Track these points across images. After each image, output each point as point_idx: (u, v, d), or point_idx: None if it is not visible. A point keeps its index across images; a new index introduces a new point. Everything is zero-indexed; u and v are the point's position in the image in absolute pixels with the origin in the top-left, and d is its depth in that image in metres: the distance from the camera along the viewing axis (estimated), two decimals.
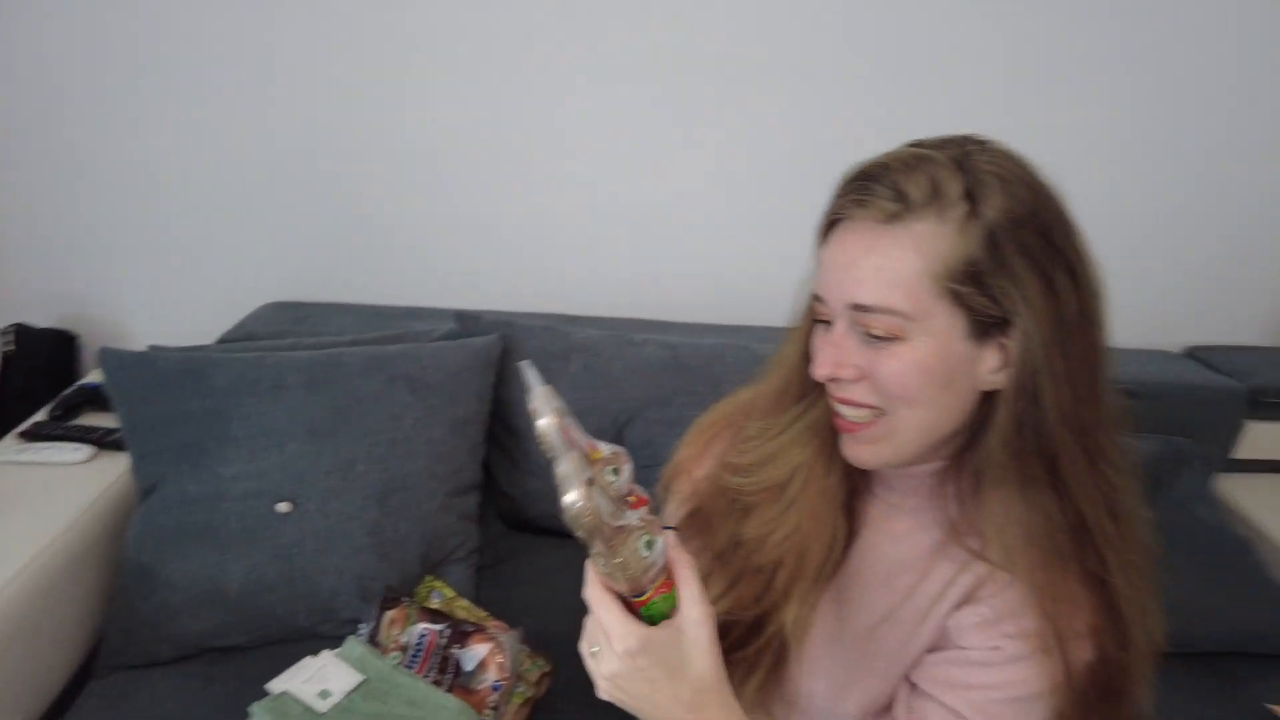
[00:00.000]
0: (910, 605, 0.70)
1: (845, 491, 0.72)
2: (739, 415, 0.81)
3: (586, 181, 1.55)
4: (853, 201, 0.61)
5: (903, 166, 0.59)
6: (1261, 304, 1.78)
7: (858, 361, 0.62)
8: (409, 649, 1.06)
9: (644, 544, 0.58)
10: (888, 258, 0.59)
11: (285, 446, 1.15)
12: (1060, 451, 0.61)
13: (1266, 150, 1.62)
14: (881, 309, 0.60)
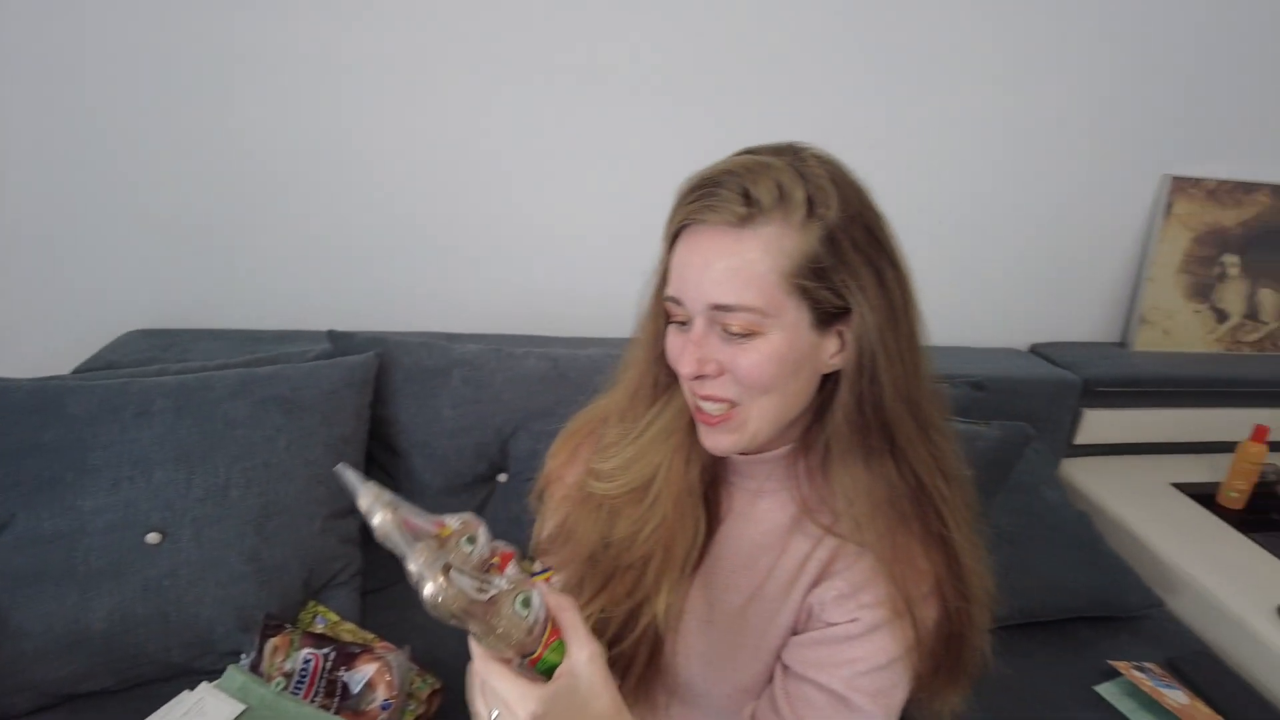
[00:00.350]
0: (772, 583, 0.75)
1: (705, 483, 0.77)
2: (599, 422, 0.84)
3: (459, 199, 1.54)
4: (703, 207, 0.64)
5: (748, 173, 0.63)
6: (1094, 305, 1.97)
7: (719, 357, 0.66)
8: (293, 675, 1.04)
9: (520, 604, 0.57)
10: (742, 259, 0.63)
11: (152, 475, 1.10)
12: (896, 424, 0.67)
13: (1092, 175, 1.81)
14: (740, 307, 0.64)
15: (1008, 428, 1.29)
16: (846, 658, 0.71)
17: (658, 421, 0.77)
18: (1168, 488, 1.85)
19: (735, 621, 0.76)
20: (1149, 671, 1.34)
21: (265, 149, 1.44)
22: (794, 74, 1.58)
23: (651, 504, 0.76)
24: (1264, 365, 1.97)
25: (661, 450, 0.76)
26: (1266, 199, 1.93)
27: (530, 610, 0.58)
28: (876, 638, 0.71)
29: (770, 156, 0.65)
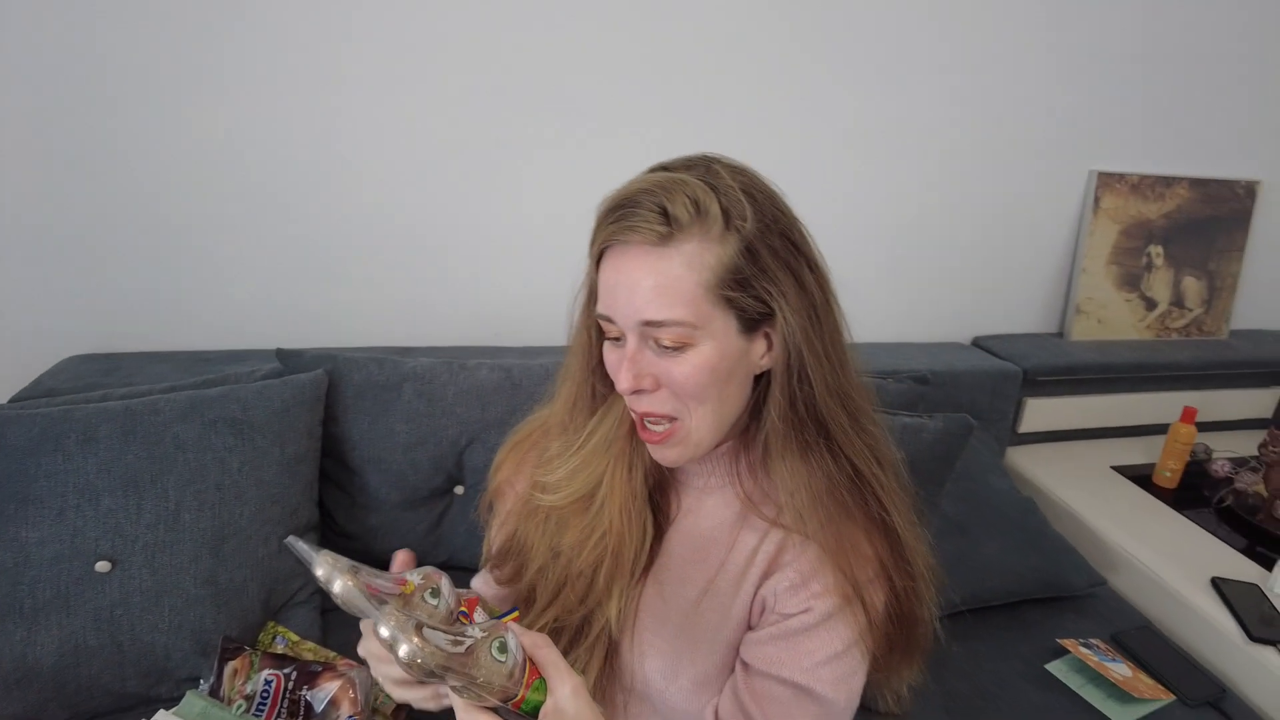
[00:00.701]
0: (723, 577, 0.77)
1: (650, 487, 0.79)
2: (541, 433, 0.86)
3: (405, 214, 1.54)
4: (624, 227, 0.65)
5: (663, 191, 0.64)
6: (1032, 298, 2.04)
7: (654, 371, 0.69)
8: (254, 697, 1.02)
9: (496, 650, 0.58)
10: (667, 276, 0.65)
11: (99, 502, 1.08)
12: (829, 417, 0.70)
13: (1024, 173, 1.88)
14: (670, 322, 0.65)
15: (950, 419, 1.34)
16: (804, 649, 0.73)
17: (599, 431, 0.79)
18: (1107, 470, 1.92)
19: (690, 618, 0.78)
20: (1094, 647, 1.40)
21: (205, 167, 1.42)
22: (734, 83, 1.61)
23: (598, 512, 0.78)
24: (1190, 350, 2.06)
25: (604, 459, 0.78)
26: (1185, 191, 2.02)
27: (508, 654, 0.58)
28: (830, 626, 0.73)
29: (683, 172, 0.67)
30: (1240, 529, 1.72)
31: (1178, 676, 1.36)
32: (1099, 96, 1.86)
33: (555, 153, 1.57)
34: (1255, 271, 2.18)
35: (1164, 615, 1.54)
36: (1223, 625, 1.43)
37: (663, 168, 0.69)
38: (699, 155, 0.70)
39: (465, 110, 1.49)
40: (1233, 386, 2.14)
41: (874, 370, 1.55)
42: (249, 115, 1.41)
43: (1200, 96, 1.95)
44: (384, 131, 1.47)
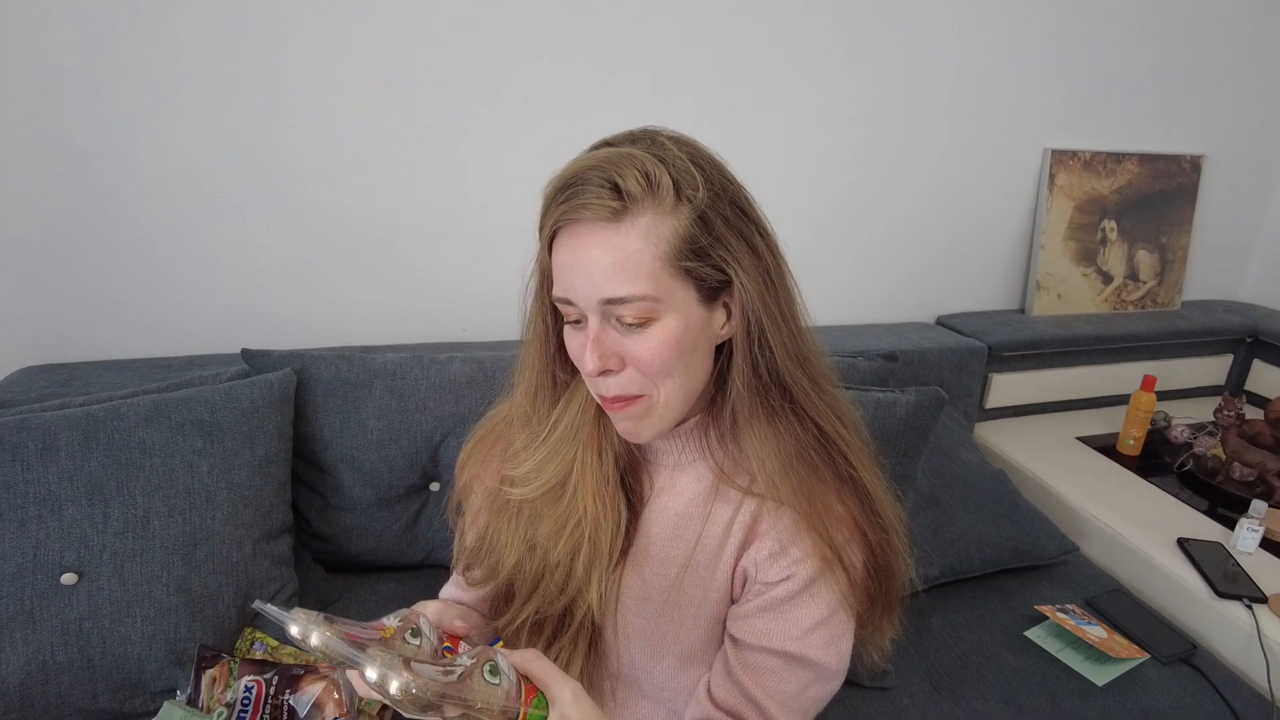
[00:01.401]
0: (701, 551, 0.77)
1: (621, 470, 0.79)
2: (505, 427, 0.85)
3: (364, 213, 1.51)
4: (576, 205, 0.64)
5: (612, 166, 0.64)
6: (993, 275, 2.08)
7: (618, 350, 0.68)
8: (235, 705, 1.00)
9: (488, 673, 0.58)
10: (624, 251, 0.64)
11: (63, 512, 1.04)
12: (791, 381, 0.71)
13: (981, 153, 1.91)
14: (633, 297, 0.65)
15: (921, 393, 1.35)
16: (792, 618, 0.74)
17: (564, 419, 0.78)
18: (1073, 441, 1.96)
19: (672, 595, 0.78)
20: (1070, 612, 1.42)
21: (157, 172, 1.38)
22: (691, 70, 1.61)
23: (571, 500, 0.77)
24: (1147, 321, 2.11)
25: (572, 446, 0.77)
26: (1135, 167, 2.08)
27: (500, 675, 0.59)
28: (814, 591, 0.74)
29: (628, 146, 0.66)
30: (1201, 491, 1.77)
31: (1150, 635, 1.40)
32: (1050, 76, 1.90)
33: (509, 144, 1.55)
34: (1202, 243, 2.25)
35: (1134, 577, 1.58)
36: (1190, 584, 1.47)
37: (606, 143, 0.68)
38: (640, 129, 0.70)
39: (416, 106, 1.47)
40: (1186, 355, 2.21)
41: (843, 351, 1.57)
42: (201, 119, 1.37)
43: (1146, 75, 2.00)
44: (335, 131, 1.44)
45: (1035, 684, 1.29)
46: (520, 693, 0.59)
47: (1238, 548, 1.54)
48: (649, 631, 0.79)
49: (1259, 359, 2.25)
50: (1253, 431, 1.79)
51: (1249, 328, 2.21)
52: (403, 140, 1.49)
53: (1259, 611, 1.38)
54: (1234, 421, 1.83)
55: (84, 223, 1.38)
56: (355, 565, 1.38)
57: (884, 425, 1.31)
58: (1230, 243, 2.34)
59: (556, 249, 0.67)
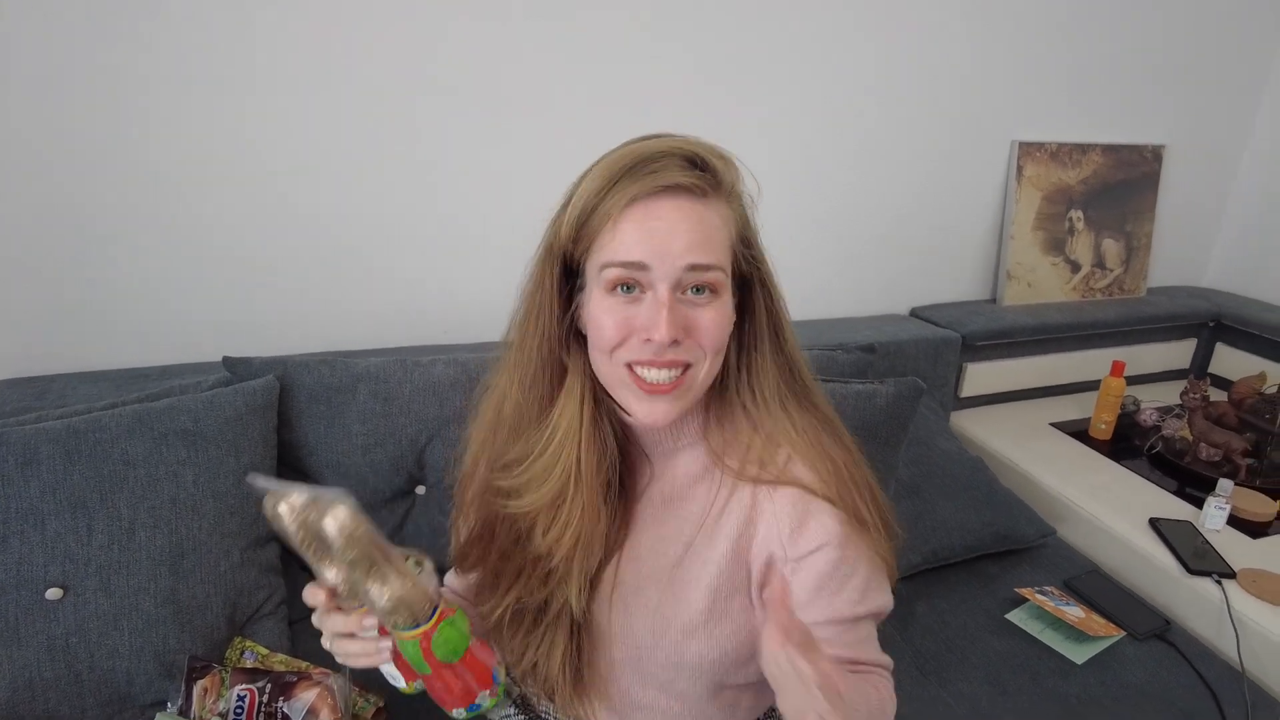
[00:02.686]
0: (701, 530, 0.79)
1: (617, 473, 0.80)
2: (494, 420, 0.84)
3: (344, 216, 1.50)
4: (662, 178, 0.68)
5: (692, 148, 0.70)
6: (965, 267, 2.12)
7: (683, 322, 0.70)
8: (228, 715, 0.99)
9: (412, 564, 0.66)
10: (710, 225, 0.70)
11: (45, 526, 1.03)
12: (799, 369, 0.79)
13: (951, 147, 1.94)
14: (714, 265, 0.70)
15: (900, 383, 1.38)
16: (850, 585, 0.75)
17: (561, 423, 0.77)
18: (1046, 427, 2.01)
19: (673, 574, 0.79)
20: (1049, 594, 1.46)
21: (126, 180, 1.36)
22: (662, 67, 1.62)
23: (569, 509, 0.77)
24: (1114, 308, 2.16)
25: (570, 455, 0.76)
26: (1099, 157, 2.12)
27: (423, 570, 0.66)
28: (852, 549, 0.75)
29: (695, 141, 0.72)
30: (1171, 472, 1.82)
31: (1126, 613, 1.43)
32: (1016, 70, 1.94)
33: (487, 147, 1.55)
34: (1166, 230, 2.30)
35: (1109, 558, 1.62)
36: (1162, 562, 1.51)
37: (652, 136, 0.73)
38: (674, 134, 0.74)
39: (391, 110, 1.47)
40: (1153, 341, 2.26)
41: (822, 344, 1.59)
42: (174, 126, 1.35)
43: (1109, 67, 2.05)
44: (311, 136, 1.44)
45: (1017, 665, 1.32)
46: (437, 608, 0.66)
47: (1206, 526, 1.58)
48: (650, 611, 0.79)
49: (1221, 342, 2.31)
50: (1217, 413, 1.84)
51: (1212, 312, 2.27)
52: (380, 145, 1.48)
53: (1228, 586, 1.42)
54: (1199, 404, 1.89)
55: (55, 233, 1.36)
56: None
57: (865, 416, 1.34)
58: (1192, 230, 2.40)
59: (627, 217, 0.68)
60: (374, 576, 0.62)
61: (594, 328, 0.73)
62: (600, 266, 0.70)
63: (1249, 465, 1.75)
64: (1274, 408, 1.76)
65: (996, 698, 1.25)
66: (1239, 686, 1.30)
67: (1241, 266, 2.40)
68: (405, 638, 0.65)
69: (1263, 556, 1.51)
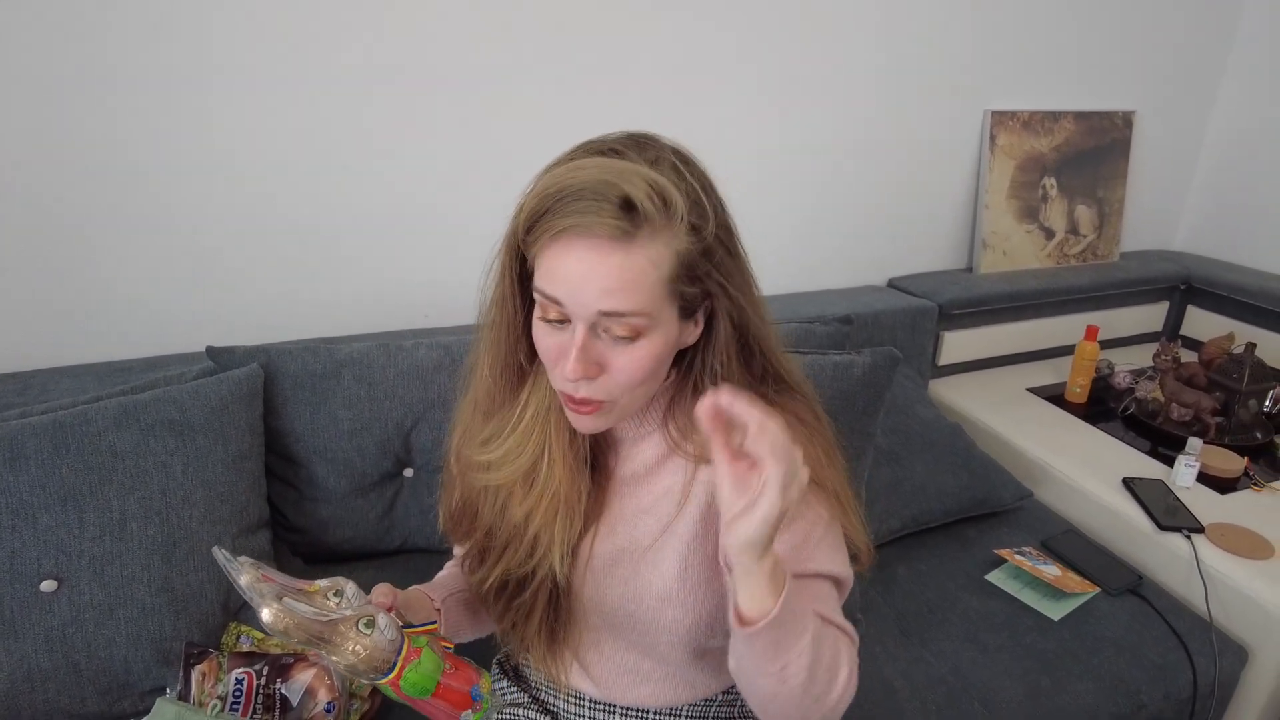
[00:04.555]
0: (670, 505, 0.82)
1: (588, 448, 0.82)
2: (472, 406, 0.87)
3: (321, 204, 1.50)
4: (584, 220, 0.63)
5: (624, 182, 0.63)
6: (940, 236, 2.14)
7: (599, 359, 0.70)
8: (227, 698, 1.01)
9: (362, 625, 0.67)
10: (631, 271, 0.65)
11: (36, 520, 1.04)
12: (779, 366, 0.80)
13: (924, 117, 1.95)
14: (631, 313, 0.66)
15: (877, 353, 1.40)
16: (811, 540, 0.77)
17: (531, 401, 0.80)
18: (1023, 392, 2.05)
19: (643, 546, 0.82)
20: (1027, 554, 1.50)
21: (105, 172, 1.35)
22: (636, 45, 1.62)
23: (542, 483, 0.80)
24: (1088, 274, 2.20)
25: (543, 429, 0.80)
26: (1070, 125, 2.15)
27: (375, 630, 0.67)
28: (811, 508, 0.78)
29: (636, 160, 0.67)
30: (1143, 433, 1.87)
31: (1100, 570, 1.48)
32: (987, 38, 1.95)
33: (459, 132, 1.55)
34: (1137, 196, 2.34)
35: (1085, 517, 1.66)
36: (1135, 520, 1.55)
37: (609, 148, 0.68)
38: (636, 134, 0.71)
39: (362, 97, 1.46)
40: (1126, 305, 2.30)
41: (799, 317, 1.61)
42: (148, 119, 1.34)
43: (1078, 34, 2.06)
44: (285, 125, 1.43)
45: (997, 623, 1.36)
46: (400, 653, 0.68)
47: (1177, 483, 1.63)
48: (624, 582, 0.83)
49: (1192, 305, 2.36)
50: (1188, 374, 1.88)
51: (1182, 275, 2.31)
52: (357, 132, 1.48)
53: (1197, 541, 1.47)
54: (1171, 365, 1.93)
55: (32, 228, 1.35)
56: (333, 555, 1.39)
57: (842, 386, 1.36)
58: (1163, 195, 2.43)
59: (552, 249, 0.66)
60: (326, 650, 0.65)
61: (536, 340, 0.73)
62: (534, 285, 0.70)
63: (1218, 424, 1.80)
64: (1241, 367, 1.81)
65: (977, 655, 1.30)
66: (1207, 636, 1.35)
67: (1210, 229, 2.44)
68: (378, 685, 0.69)
69: (1230, 511, 1.55)
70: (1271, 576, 1.38)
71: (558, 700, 0.96)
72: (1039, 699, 1.23)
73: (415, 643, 0.70)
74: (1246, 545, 1.45)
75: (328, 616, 0.65)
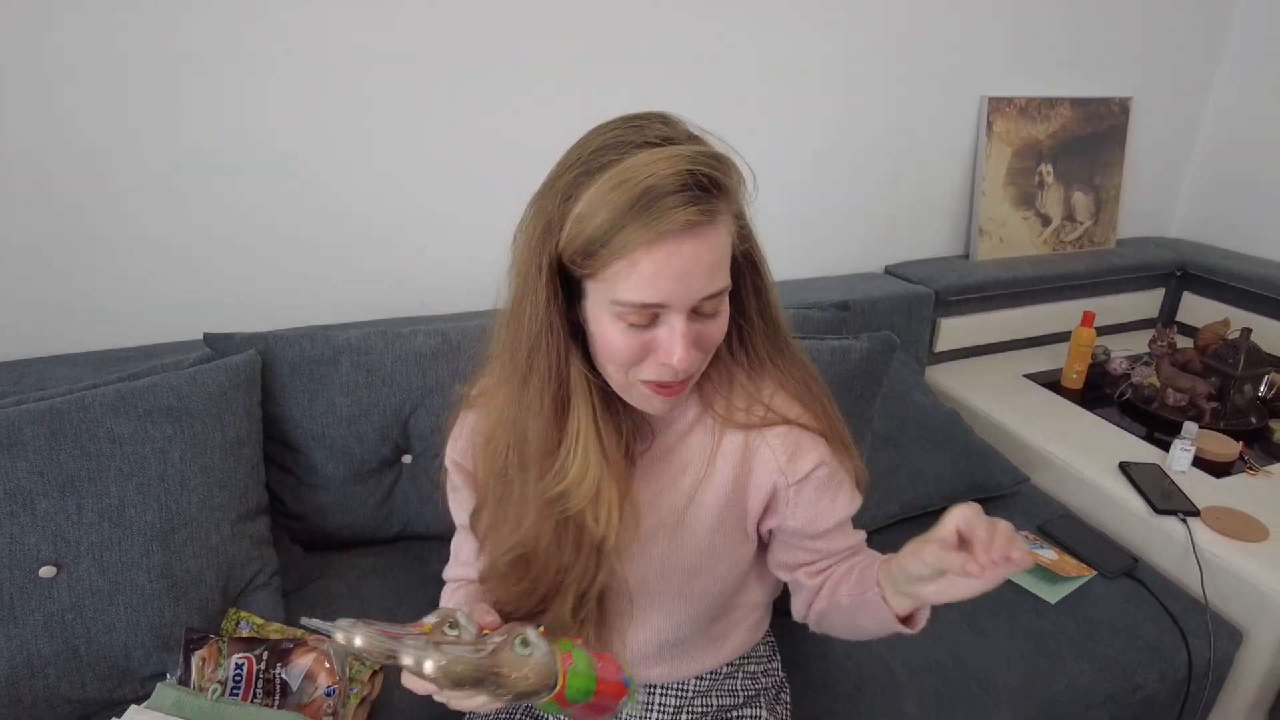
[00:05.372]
0: (697, 477, 0.83)
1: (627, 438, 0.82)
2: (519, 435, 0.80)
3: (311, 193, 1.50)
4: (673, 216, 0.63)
5: (697, 165, 0.64)
6: (937, 223, 2.14)
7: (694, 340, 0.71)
8: (227, 683, 1.01)
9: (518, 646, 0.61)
10: (719, 249, 0.68)
11: (35, 506, 1.04)
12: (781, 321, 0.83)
13: (921, 104, 1.95)
14: (723, 290, 0.70)
15: (874, 338, 1.40)
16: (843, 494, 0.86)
17: (580, 425, 0.76)
18: (1019, 379, 2.05)
19: (673, 521, 0.84)
20: (1024, 538, 1.50)
21: (103, 158, 1.35)
22: (634, 27, 1.61)
23: (608, 494, 0.77)
24: (1084, 260, 2.20)
25: (595, 449, 0.76)
26: (1067, 111, 2.15)
27: (531, 647, 0.61)
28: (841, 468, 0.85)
29: (682, 141, 0.67)
30: (1139, 418, 1.87)
31: (1096, 554, 1.48)
32: (985, 24, 1.95)
33: (458, 117, 1.54)
34: (1133, 182, 2.34)
35: (1081, 502, 1.67)
36: (1131, 504, 1.56)
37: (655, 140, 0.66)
38: (651, 115, 0.69)
39: (362, 82, 1.46)
40: (1122, 291, 2.30)
41: (798, 304, 1.61)
42: (147, 104, 1.34)
43: (1076, 20, 2.06)
44: (284, 111, 1.43)
45: (994, 606, 1.36)
46: (557, 661, 0.63)
47: (1173, 467, 1.63)
48: (657, 559, 0.84)
49: (1188, 291, 2.36)
50: (1184, 359, 1.89)
51: (1178, 262, 2.32)
52: (355, 120, 1.47)
53: (1193, 524, 1.47)
54: (1167, 351, 1.93)
55: (26, 215, 1.34)
56: (333, 542, 1.40)
57: (840, 371, 1.36)
58: (1159, 181, 2.44)
59: (648, 258, 0.65)
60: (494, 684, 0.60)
61: (605, 345, 0.71)
62: (612, 299, 0.68)
63: (1213, 408, 1.81)
64: (1236, 352, 1.81)
65: (974, 639, 1.30)
66: (1202, 618, 1.36)
67: (1205, 216, 2.44)
68: (543, 703, 0.64)
69: (1225, 495, 1.56)
70: (1266, 559, 1.39)
71: None
72: (1036, 681, 1.24)
73: (562, 647, 0.65)
74: (1241, 528, 1.46)
75: (485, 648, 0.59)
